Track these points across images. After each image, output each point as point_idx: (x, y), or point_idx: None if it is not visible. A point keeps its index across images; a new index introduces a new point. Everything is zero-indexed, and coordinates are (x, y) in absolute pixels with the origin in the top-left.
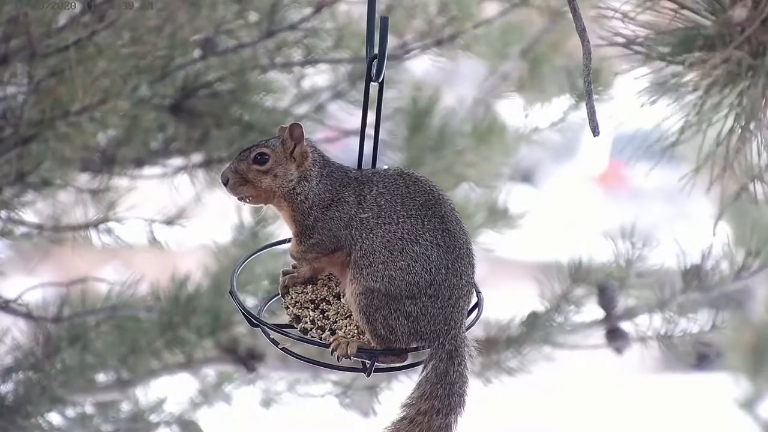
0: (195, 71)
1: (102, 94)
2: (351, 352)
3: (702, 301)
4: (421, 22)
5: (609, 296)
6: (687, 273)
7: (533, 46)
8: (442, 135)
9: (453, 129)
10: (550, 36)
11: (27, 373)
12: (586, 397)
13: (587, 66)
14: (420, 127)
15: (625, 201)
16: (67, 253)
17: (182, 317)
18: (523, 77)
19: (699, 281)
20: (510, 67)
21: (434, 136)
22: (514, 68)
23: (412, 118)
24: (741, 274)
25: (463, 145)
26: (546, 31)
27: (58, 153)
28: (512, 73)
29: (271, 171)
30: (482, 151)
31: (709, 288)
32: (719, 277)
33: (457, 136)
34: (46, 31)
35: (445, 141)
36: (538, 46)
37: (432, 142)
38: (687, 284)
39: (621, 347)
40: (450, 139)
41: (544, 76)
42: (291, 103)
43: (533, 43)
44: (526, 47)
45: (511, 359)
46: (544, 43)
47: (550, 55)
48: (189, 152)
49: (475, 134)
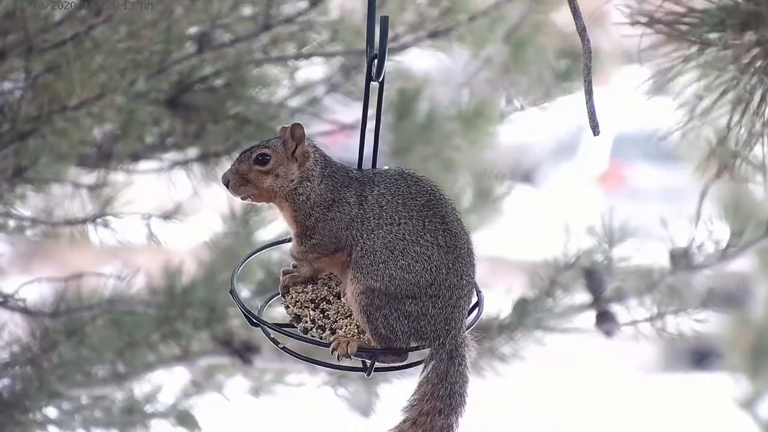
0: (191, 66)
1: (99, 89)
2: (351, 351)
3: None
4: (412, 13)
5: (597, 280)
6: (674, 254)
7: (516, 29)
8: (430, 120)
9: (440, 114)
10: (533, 18)
11: (24, 367)
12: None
13: (587, 65)
14: (407, 113)
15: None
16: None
17: (178, 310)
18: (507, 60)
19: (686, 261)
20: (493, 51)
21: (421, 122)
22: (497, 52)
23: (399, 105)
24: (727, 253)
25: (451, 129)
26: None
27: (56, 148)
28: (495, 56)
29: (272, 171)
30: (469, 136)
31: (696, 268)
32: (705, 257)
33: (444, 122)
34: (43, 26)
35: (432, 126)
36: (522, 29)
37: (419, 127)
38: (675, 265)
39: (610, 331)
40: (438, 124)
41: (528, 58)
42: (286, 97)
43: (516, 27)
44: (510, 30)
45: (503, 345)
46: (527, 26)
47: (533, 37)
48: (185, 147)
49: (460, 118)
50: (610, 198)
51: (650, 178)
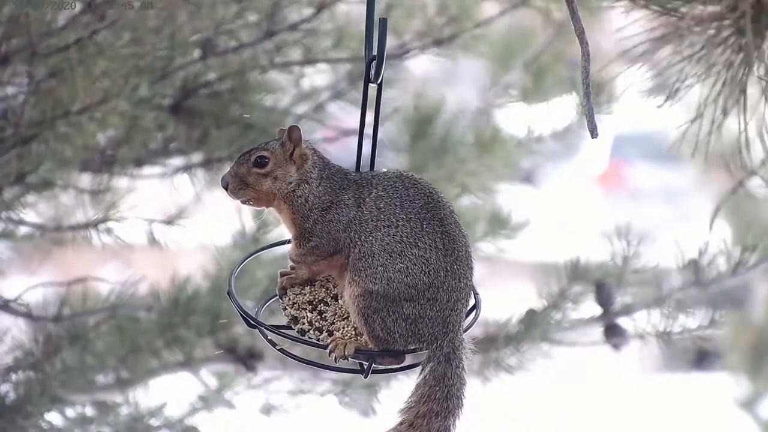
0: (195, 71)
1: (102, 94)
2: (349, 353)
3: (700, 297)
4: (420, 22)
5: (606, 293)
6: (684, 269)
7: (537, 57)
8: (445, 143)
9: (455, 138)
10: (553, 46)
11: (27, 372)
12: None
13: (586, 68)
14: (422, 134)
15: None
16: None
17: (182, 317)
18: (527, 87)
19: (696, 277)
20: (513, 77)
21: (437, 144)
22: (518, 78)
23: (414, 125)
24: (738, 270)
25: (466, 154)
26: (550, 41)
27: (59, 153)
28: (515, 82)
29: (271, 174)
30: (484, 161)
31: (706, 284)
32: (717, 273)
33: (459, 145)
34: (47, 30)
35: (447, 149)
36: (543, 57)
37: (434, 150)
38: (685, 280)
39: (619, 344)
40: (452, 147)
41: (548, 86)
42: (290, 103)
43: (537, 54)
44: (530, 58)
45: (509, 357)
46: (548, 54)
47: (553, 66)
48: (189, 152)
49: (477, 144)
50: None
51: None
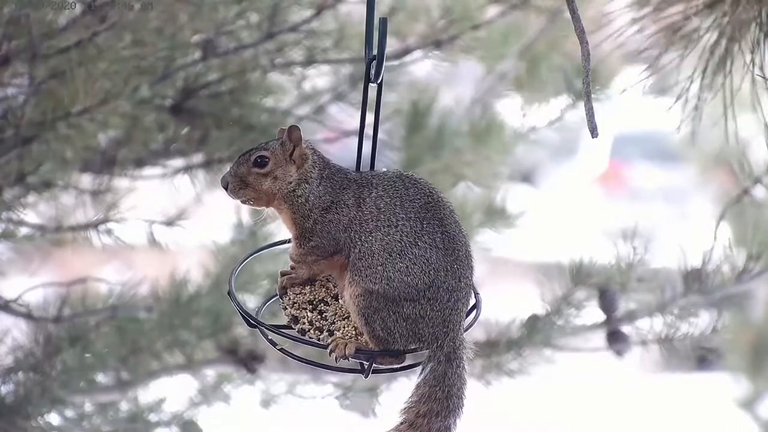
0: (195, 72)
1: (103, 95)
2: (349, 353)
3: (703, 303)
4: (423, 25)
5: (610, 299)
6: (688, 276)
7: (531, 46)
8: (441, 135)
9: (451, 129)
10: (548, 35)
11: (27, 373)
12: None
13: (586, 68)
14: (418, 126)
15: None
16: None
17: (182, 318)
18: (521, 77)
19: (700, 284)
20: (508, 67)
21: (432, 136)
22: (512, 68)
23: (410, 118)
24: (742, 277)
25: (461, 144)
26: (544, 30)
27: (59, 154)
28: (510, 72)
29: (271, 173)
30: (480, 151)
31: (710, 291)
32: (720, 280)
33: (455, 136)
34: (47, 32)
35: (443, 141)
36: (536, 46)
37: (430, 141)
38: (688, 287)
39: (621, 350)
40: (448, 138)
41: (542, 75)
42: (292, 105)
43: (531, 43)
44: (524, 47)
45: (511, 361)
46: (542, 43)
47: (548, 55)
48: (189, 153)
49: (472, 134)
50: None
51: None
